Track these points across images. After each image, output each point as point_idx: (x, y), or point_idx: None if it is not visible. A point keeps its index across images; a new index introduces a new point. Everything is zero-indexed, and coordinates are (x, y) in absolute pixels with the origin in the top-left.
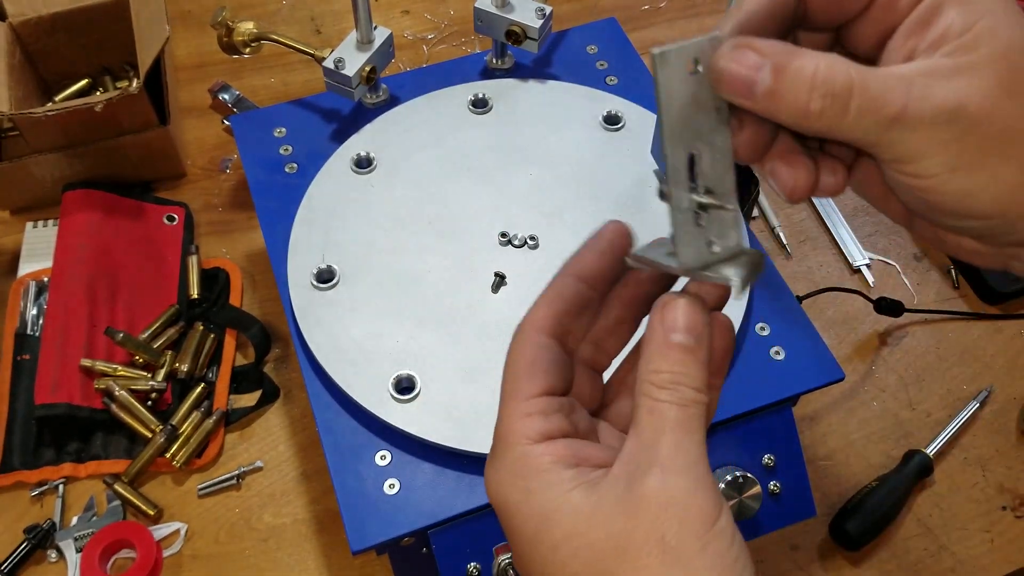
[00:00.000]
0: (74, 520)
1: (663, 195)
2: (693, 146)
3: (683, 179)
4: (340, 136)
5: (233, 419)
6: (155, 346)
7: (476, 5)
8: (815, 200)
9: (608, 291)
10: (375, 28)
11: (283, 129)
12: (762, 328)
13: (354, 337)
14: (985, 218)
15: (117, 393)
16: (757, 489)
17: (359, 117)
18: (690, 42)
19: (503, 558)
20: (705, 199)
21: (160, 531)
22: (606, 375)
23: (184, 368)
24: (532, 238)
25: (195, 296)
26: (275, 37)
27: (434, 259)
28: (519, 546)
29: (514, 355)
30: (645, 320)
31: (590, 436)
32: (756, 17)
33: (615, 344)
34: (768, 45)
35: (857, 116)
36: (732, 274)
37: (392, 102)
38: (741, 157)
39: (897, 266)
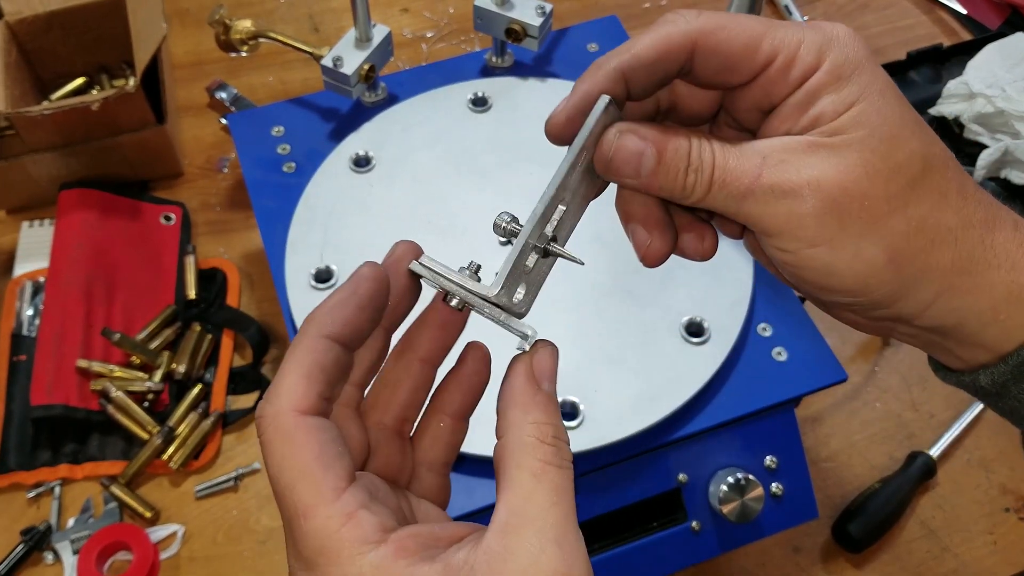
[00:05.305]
0: (71, 522)
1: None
2: (565, 197)
3: (543, 219)
4: (338, 135)
5: (231, 420)
6: (152, 347)
7: (476, 3)
8: None
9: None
10: (374, 26)
11: (281, 128)
12: (764, 329)
13: None
14: (849, 295)
15: (114, 394)
16: (759, 491)
17: (358, 116)
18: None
19: None
20: (552, 247)
21: (157, 533)
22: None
23: (181, 369)
24: None
25: (192, 296)
26: (273, 35)
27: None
28: None
29: (288, 450)
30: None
31: (402, 510)
32: (641, 64)
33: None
34: (648, 130)
35: (718, 189)
36: (529, 331)
37: (391, 100)
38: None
39: None
